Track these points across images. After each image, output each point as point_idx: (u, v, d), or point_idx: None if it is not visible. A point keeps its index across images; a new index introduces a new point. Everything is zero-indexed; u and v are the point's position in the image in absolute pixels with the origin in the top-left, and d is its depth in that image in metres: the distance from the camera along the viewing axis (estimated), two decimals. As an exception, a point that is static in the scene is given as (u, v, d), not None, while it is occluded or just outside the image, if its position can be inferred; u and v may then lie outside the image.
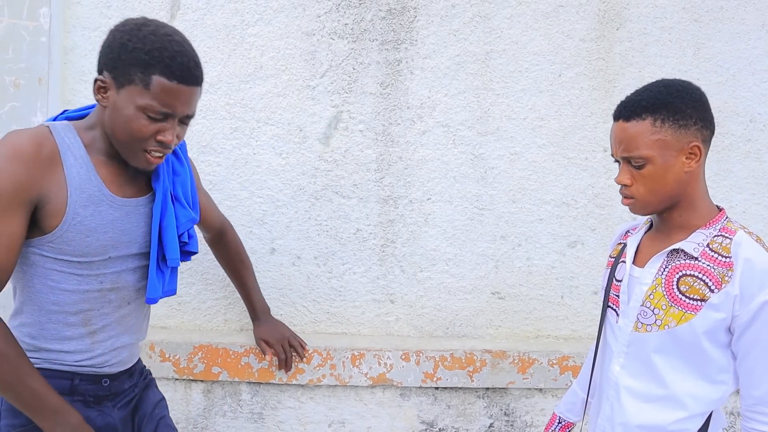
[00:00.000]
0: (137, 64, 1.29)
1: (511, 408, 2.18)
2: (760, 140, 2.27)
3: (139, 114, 1.31)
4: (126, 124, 1.32)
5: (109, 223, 1.39)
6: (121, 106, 1.32)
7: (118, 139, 1.35)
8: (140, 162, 1.37)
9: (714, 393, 1.32)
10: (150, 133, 1.33)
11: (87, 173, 1.36)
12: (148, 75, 1.30)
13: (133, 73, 1.30)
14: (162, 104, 1.31)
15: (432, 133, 2.21)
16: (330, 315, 2.25)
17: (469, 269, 2.25)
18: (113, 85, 1.32)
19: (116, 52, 1.31)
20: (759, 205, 2.27)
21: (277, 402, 2.14)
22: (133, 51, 1.30)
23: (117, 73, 1.31)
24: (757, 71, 2.26)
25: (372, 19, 2.19)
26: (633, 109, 1.31)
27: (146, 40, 1.30)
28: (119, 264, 1.44)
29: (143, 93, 1.30)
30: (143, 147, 1.35)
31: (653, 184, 1.31)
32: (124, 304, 1.49)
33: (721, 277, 1.27)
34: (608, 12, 2.22)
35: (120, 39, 1.32)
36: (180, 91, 1.32)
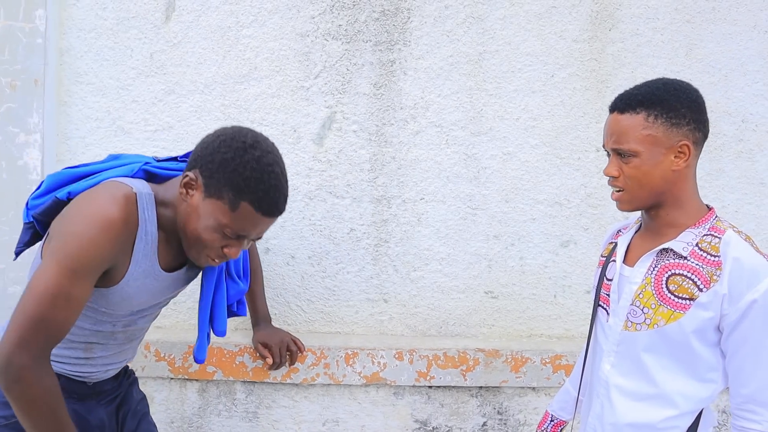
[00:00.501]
0: (232, 185, 1.32)
1: (504, 407, 2.19)
2: (752, 140, 2.28)
3: (217, 229, 1.35)
4: (200, 232, 1.36)
5: (146, 291, 1.45)
6: (202, 213, 1.35)
7: (187, 238, 1.39)
8: (198, 260, 1.42)
9: (703, 391, 1.33)
10: (219, 245, 1.37)
11: (150, 250, 1.41)
12: (238, 199, 1.32)
13: (225, 192, 1.32)
14: (240, 228, 1.35)
15: (425, 134, 2.23)
16: (324, 314, 2.26)
17: (462, 269, 2.26)
18: (202, 190, 1.35)
19: (216, 163, 1.33)
20: (751, 205, 2.29)
21: (271, 401, 2.15)
22: (233, 172, 1.31)
23: (210, 182, 1.34)
24: (748, 72, 2.27)
25: (366, 21, 2.21)
26: (629, 102, 1.32)
27: (248, 166, 1.32)
28: (137, 314, 1.51)
29: (227, 213, 1.33)
30: (207, 253, 1.39)
31: (640, 177, 1.32)
32: (128, 341, 1.56)
33: (709, 276, 1.27)
34: (601, 13, 2.24)
35: (224, 153, 1.33)
36: (261, 221, 1.37)
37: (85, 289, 1.32)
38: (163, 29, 2.19)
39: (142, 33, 2.19)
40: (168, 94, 2.20)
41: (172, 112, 2.20)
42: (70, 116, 2.20)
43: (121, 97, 2.20)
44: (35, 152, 2.12)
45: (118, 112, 2.20)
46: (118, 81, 2.20)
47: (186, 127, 2.21)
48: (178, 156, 1.59)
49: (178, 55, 2.19)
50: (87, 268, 1.30)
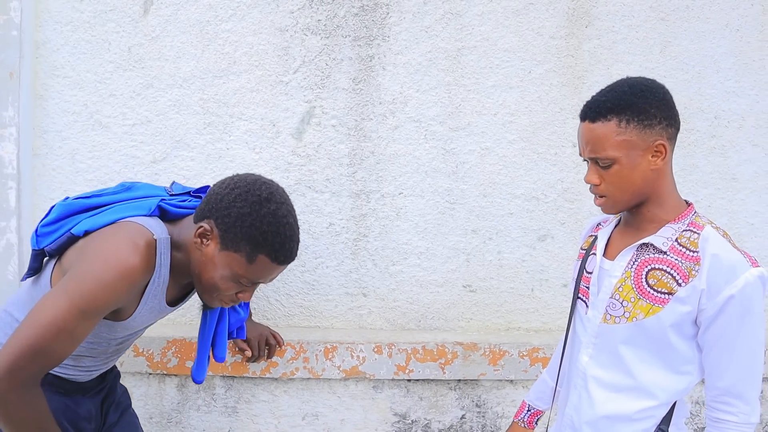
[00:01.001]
0: (249, 240, 1.35)
1: (482, 399, 2.21)
2: (724, 136, 2.32)
3: (234, 279, 1.39)
4: (216, 281, 1.39)
5: (148, 321, 1.50)
6: (218, 264, 1.38)
7: (202, 284, 1.42)
8: (212, 303, 1.47)
9: (679, 383, 1.35)
10: (232, 292, 1.42)
11: (160, 291, 1.44)
12: (255, 253, 1.36)
13: (243, 246, 1.35)
14: (257, 278, 1.40)
15: (404, 129, 2.24)
16: (303, 309, 2.26)
17: (440, 263, 2.28)
18: (218, 241, 1.37)
19: (233, 217, 1.35)
20: (723, 200, 2.33)
21: (251, 395, 2.15)
22: (250, 227, 1.34)
23: (227, 236, 1.36)
24: (721, 69, 2.31)
25: (345, 16, 2.21)
26: (598, 110, 1.33)
27: (264, 220, 1.35)
28: (133, 336, 1.56)
29: (244, 265, 1.37)
30: (220, 298, 1.44)
31: (621, 183, 1.33)
32: (115, 353, 1.58)
33: (688, 272, 1.29)
34: (577, 10, 2.26)
35: (241, 207, 1.36)
36: (277, 269, 1.42)
37: (90, 327, 1.33)
38: (141, 23, 2.18)
39: (120, 26, 2.17)
40: (146, 88, 2.19)
41: (150, 106, 2.19)
42: (46, 110, 2.18)
43: (98, 91, 2.18)
44: (11, 146, 2.10)
45: (95, 105, 2.19)
46: (95, 74, 2.18)
47: (164, 121, 2.20)
48: (191, 190, 1.60)
49: (156, 48, 2.18)
50: (98, 311, 1.31)
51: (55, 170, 2.19)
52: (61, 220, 1.47)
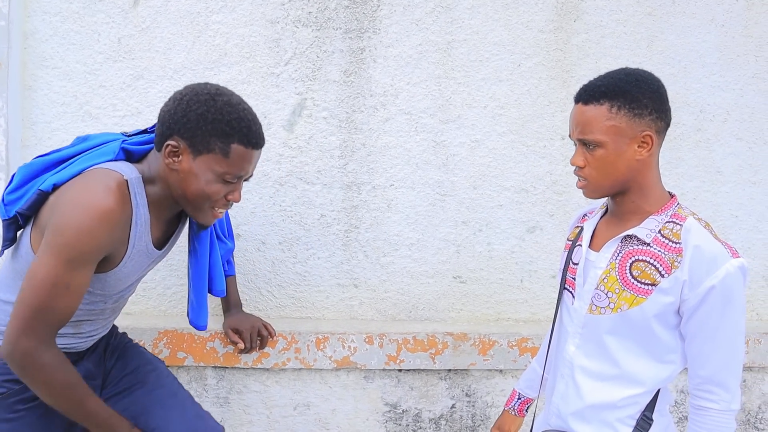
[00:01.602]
0: (217, 134, 1.37)
1: (472, 389, 2.24)
2: (709, 130, 2.36)
3: (218, 179, 1.40)
4: (204, 189, 1.40)
5: (139, 268, 1.50)
6: (198, 172, 1.39)
7: (188, 198, 1.43)
8: (207, 219, 1.48)
9: (663, 372, 1.38)
10: (221, 194, 1.43)
11: (144, 231, 1.45)
12: (227, 144, 1.38)
13: (213, 142, 1.38)
14: (238, 169, 1.41)
15: (395, 121, 2.25)
16: (294, 300, 2.28)
17: (431, 254, 2.30)
18: (188, 152, 1.39)
19: (193, 121, 1.37)
20: (708, 192, 2.37)
21: (242, 386, 2.17)
22: (213, 122, 1.37)
23: (195, 141, 1.38)
24: (706, 64, 2.35)
25: (336, 8, 2.22)
26: (592, 94, 1.35)
27: (224, 110, 1.38)
28: (126, 290, 1.56)
29: (222, 161, 1.39)
30: (214, 206, 1.45)
31: (604, 168, 1.35)
32: (113, 313, 1.60)
33: (671, 263, 1.32)
34: (566, 4, 2.29)
35: (197, 109, 1.38)
36: (253, 155, 1.44)
37: (85, 277, 1.35)
38: (131, 14, 2.16)
39: (110, 17, 2.16)
40: (136, 79, 2.18)
41: (140, 97, 2.19)
42: (35, 101, 2.17)
43: (88, 82, 2.17)
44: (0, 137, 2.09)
45: (85, 97, 2.17)
46: (85, 66, 2.17)
47: (155, 112, 2.19)
48: (147, 128, 1.60)
49: (146, 40, 2.17)
50: (85, 258, 1.32)
51: (45, 161, 2.18)
52: (27, 183, 1.47)
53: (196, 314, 1.67)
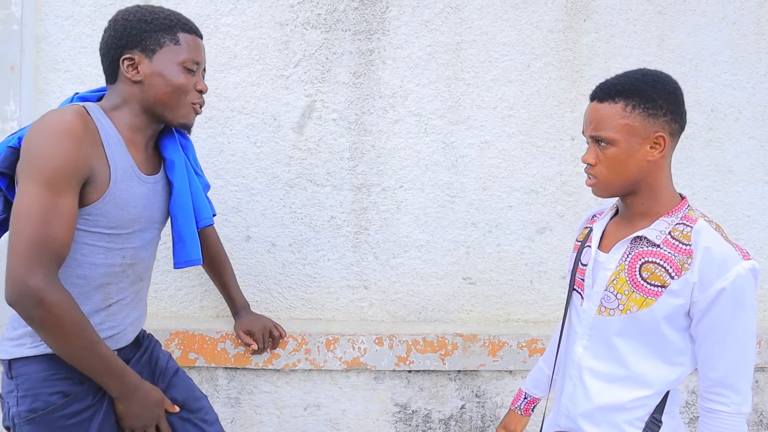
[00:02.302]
0: (162, 29, 1.48)
1: (482, 390, 2.24)
2: (721, 129, 2.34)
3: (181, 69, 1.49)
4: (171, 83, 1.48)
5: (138, 197, 1.49)
6: (160, 70, 1.47)
7: (164, 101, 1.49)
8: (187, 116, 1.53)
9: (672, 374, 1.38)
10: (192, 85, 1.51)
11: (121, 151, 1.45)
12: (174, 34, 1.49)
13: (162, 37, 1.47)
14: (193, 54, 1.51)
15: (404, 122, 2.26)
16: (305, 301, 2.29)
17: (440, 255, 2.30)
18: (144, 57, 1.47)
19: (137, 28, 1.47)
20: (719, 192, 2.35)
21: (253, 387, 2.18)
22: (153, 21, 1.47)
23: (145, 44, 1.47)
24: (718, 62, 2.33)
25: (345, 10, 2.22)
26: (608, 92, 1.35)
27: (157, 10, 1.50)
28: (138, 239, 1.52)
29: (176, 50, 1.49)
30: (190, 100, 1.52)
31: (615, 166, 1.35)
32: (137, 280, 1.57)
33: (681, 264, 1.31)
34: (575, 4, 2.28)
35: (134, 18, 1.48)
36: (199, 43, 1.54)
37: (70, 200, 1.33)
38: (141, 17, 2.18)
39: (121, 21, 2.17)
40: (147, 82, 2.20)
41: (151, 100, 2.20)
42: (47, 104, 2.19)
43: (99, 85, 2.19)
44: (13, 140, 2.11)
45: (96, 100, 2.19)
46: (96, 69, 2.19)
47: (165, 115, 2.20)
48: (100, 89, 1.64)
49: (157, 43, 2.19)
50: (64, 178, 1.31)
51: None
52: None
53: (187, 250, 1.61)
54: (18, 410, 1.41)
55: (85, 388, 1.45)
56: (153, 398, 1.50)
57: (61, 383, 1.43)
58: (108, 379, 1.41)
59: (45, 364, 1.43)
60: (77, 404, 1.44)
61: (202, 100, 1.56)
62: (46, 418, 1.41)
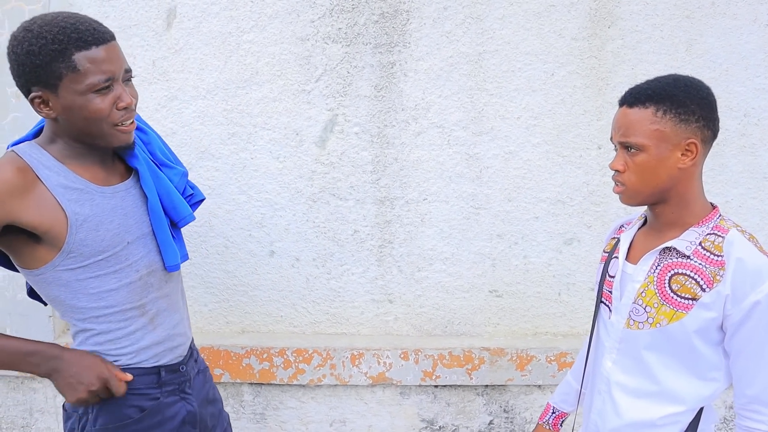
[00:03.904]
0: (54, 57, 1.28)
1: (510, 405, 2.20)
2: (754, 135, 2.28)
3: (89, 96, 1.30)
4: (85, 113, 1.31)
5: (109, 211, 1.41)
6: (69, 104, 1.31)
7: (87, 132, 1.35)
8: (119, 139, 1.37)
9: (705, 390, 1.33)
10: (109, 107, 1.32)
11: (66, 177, 1.37)
12: (68, 59, 1.28)
13: (56, 67, 1.28)
14: (98, 73, 1.30)
15: (427, 134, 2.24)
16: (329, 315, 2.28)
17: (466, 268, 2.27)
18: (49, 93, 1.31)
19: (27, 62, 1.29)
20: (755, 199, 2.28)
21: (278, 402, 2.18)
22: (41, 50, 1.27)
23: (43, 79, 1.30)
24: (750, 66, 2.27)
25: (365, 23, 2.22)
26: (638, 96, 1.31)
27: (43, 33, 1.28)
28: (141, 247, 1.46)
29: (77, 77, 1.29)
30: (112, 122, 1.34)
31: (644, 174, 1.31)
32: (163, 283, 1.52)
33: (712, 276, 1.27)
34: (599, 10, 2.24)
35: (22, 50, 1.30)
36: (102, 51, 1.31)
37: None
38: (164, 36, 2.21)
39: (144, 40, 2.21)
40: (171, 100, 2.22)
41: (175, 117, 2.23)
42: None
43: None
44: (41, 160, 2.15)
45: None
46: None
47: (189, 132, 2.23)
48: None
49: (180, 61, 2.22)
50: None
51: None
52: None
53: (166, 254, 1.50)
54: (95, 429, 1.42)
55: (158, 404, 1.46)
56: (86, 362, 1.39)
57: (137, 398, 1.44)
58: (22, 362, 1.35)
59: None
60: (151, 419, 1.44)
61: (128, 115, 1.36)
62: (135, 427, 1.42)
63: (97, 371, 1.38)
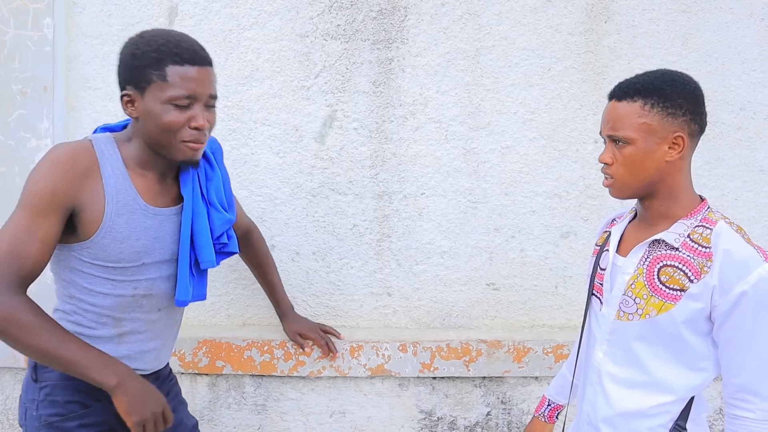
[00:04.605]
0: (150, 64, 1.39)
1: (507, 396, 2.22)
2: (750, 128, 2.29)
3: (168, 107, 1.40)
4: (159, 122, 1.41)
5: (142, 230, 1.47)
6: (150, 108, 1.41)
7: (157, 140, 1.44)
8: (184, 154, 1.45)
9: (695, 380, 1.35)
10: (182, 122, 1.41)
11: (123, 184, 1.44)
12: (162, 68, 1.39)
13: (149, 73, 1.39)
14: (183, 89, 1.40)
15: (424, 129, 2.27)
16: (329, 309, 2.31)
17: (463, 261, 2.30)
18: (137, 94, 1.42)
19: (129, 63, 1.42)
20: (750, 192, 2.30)
21: (279, 394, 2.21)
22: (143, 55, 1.39)
23: (136, 81, 1.41)
24: (746, 60, 2.28)
25: (363, 20, 2.25)
26: (626, 90, 1.34)
27: (150, 41, 1.41)
28: (153, 271, 1.51)
29: (164, 86, 1.39)
30: (181, 138, 1.43)
31: (632, 166, 1.33)
32: (154, 310, 1.56)
33: (700, 268, 1.29)
34: (596, 5, 2.26)
35: (129, 52, 1.42)
36: (193, 72, 1.41)
37: (49, 224, 1.35)
38: (166, 34, 2.24)
39: (147, 38, 2.24)
40: (173, 97, 2.25)
41: (177, 114, 2.26)
42: (79, 121, 2.26)
43: (127, 101, 2.26)
44: (46, 157, 2.19)
45: (125, 115, 2.26)
46: (124, 85, 2.26)
47: (191, 128, 2.26)
48: None
49: (181, 58, 2.24)
50: (44, 203, 1.34)
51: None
52: None
53: (178, 285, 1.54)
54: (38, 414, 1.47)
55: (102, 405, 1.49)
56: (150, 387, 1.41)
57: (80, 394, 1.48)
58: (97, 372, 1.34)
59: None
60: (93, 417, 1.48)
61: (197, 136, 1.44)
62: (64, 425, 1.46)
63: (159, 398, 1.41)
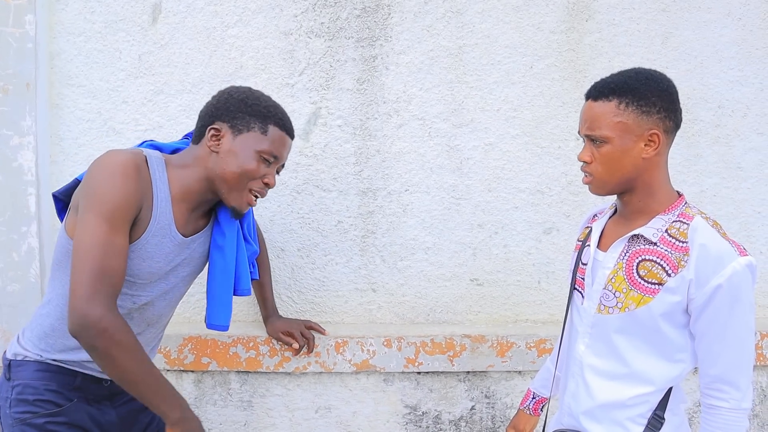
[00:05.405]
0: (256, 115, 1.53)
1: (491, 390, 2.25)
2: (728, 126, 2.33)
3: (256, 156, 1.52)
4: (242, 164, 1.51)
5: (164, 255, 1.52)
6: (237, 150, 1.51)
7: (227, 178, 1.51)
8: (241, 201, 1.55)
9: (673, 371, 1.38)
10: (260, 174, 1.54)
11: (165, 207, 1.49)
12: (265, 124, 1.53)
13: (253, 122, 1.52)
14: (275, 149, 1.54)
15: (408, 127, 2.28)
16: (314, 305, 2.32)
17: (447, 257, 2.32)
18: (229, 133, 1.52)
19: (235, 105, 1.53)
20: (728, 189, 2.34)
21: (265, 390, 2.22)
22: (253, 105, 1.53)
23: (235, 122, 1.52)
24: (724, 58, 2.32)
25: (347, 18, 2.26)
26: (601, 90, 1.37)
27: (261, 99, 1.56)
28: (155, 289, 1.55)
29: (261, 138, 1.53)
30: (250, 187, 1.54)
31: (610, 164, 1.37)
32: (144, 325, 1.59)
33: (677, 262, 1.32)
34: (577, 4, 2.28)
35: (237, 96, 1.54)
36: (286, 141, 1.59)
37: (123, 235, 1.39)
38: (150, 31, 2.24)
39: (130, 35, 2.24)
40: (157, 94, 2.26)
41: (161, 111, 2.26)
42: (62, 118, 2.26)
43: (111, 99, 2.26)
44: (29, 154, 2.18)
45: (108, 113, 2.26)
46: (107, 83, 2.25)
47: (175, 126, 2.26)
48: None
49: (165, 56, 2.25)
50: (120, 212, 1.38)
51: (73, 176, 2.26)
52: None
53: (217, 314, 1.66)
54: (10, 412, 1.47)
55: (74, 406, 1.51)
56: (199, 422, 1.48)
57: (51, 393, 1.49)
58: (166, 403, 1.40)
59: (41, 373, 1.49)
60: (63, 417, 1.49)
61: (264, 192, 1.58)
62: (34, 422, 1.46)
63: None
